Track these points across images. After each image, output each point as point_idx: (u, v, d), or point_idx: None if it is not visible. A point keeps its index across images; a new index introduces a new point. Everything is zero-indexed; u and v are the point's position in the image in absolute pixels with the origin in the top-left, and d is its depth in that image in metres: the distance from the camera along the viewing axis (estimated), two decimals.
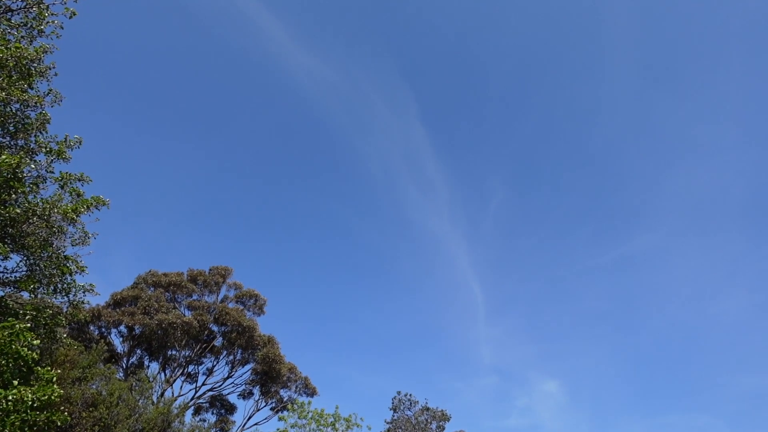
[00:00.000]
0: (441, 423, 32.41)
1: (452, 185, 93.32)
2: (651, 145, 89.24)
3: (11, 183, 14.97)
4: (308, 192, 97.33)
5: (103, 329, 27.25)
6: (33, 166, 16.24)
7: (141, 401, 21.38)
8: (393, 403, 34.64)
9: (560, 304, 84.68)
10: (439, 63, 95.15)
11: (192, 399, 29.51)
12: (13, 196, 15.49)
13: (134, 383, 22.78)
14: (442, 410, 33.14)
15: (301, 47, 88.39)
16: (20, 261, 17.32)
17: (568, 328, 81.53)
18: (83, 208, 17.51)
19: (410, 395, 35.31)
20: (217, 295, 31.12)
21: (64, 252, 17.77)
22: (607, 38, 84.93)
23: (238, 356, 30.94)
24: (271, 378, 30.06)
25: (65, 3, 16.66)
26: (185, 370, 30.12)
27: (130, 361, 27.96)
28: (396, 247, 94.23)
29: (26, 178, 16.06)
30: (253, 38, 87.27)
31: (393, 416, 32.33)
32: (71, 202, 17.52)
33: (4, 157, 14.31)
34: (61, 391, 13.53)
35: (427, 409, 33.10)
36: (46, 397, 12.83)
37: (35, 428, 13.61)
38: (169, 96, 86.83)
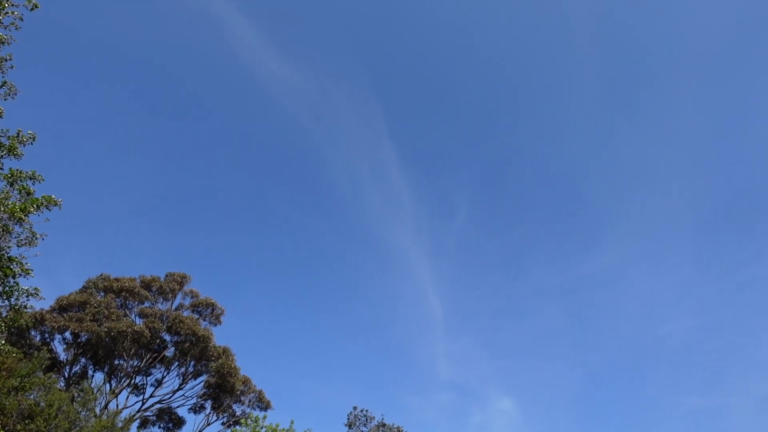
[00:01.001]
0: None
1: (417, 200, 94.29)
2: (610, 170, 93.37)
3: None
4: (272, 199, 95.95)
5: (46, 335, 25.78)
6: None
7: (83, 413, 20.27)
8: (348, 419, 34.21)
9: (518, 321, 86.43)
10: (409, 79, 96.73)
11: (138, 411, 28.22)
12: None
13: (76, 394, 21.60)
14: (398, 426, 32.98)
15: (274, 54, 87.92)
16: None
17: (525, 345, 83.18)
18: (33, 207, 16.67)
19: (366, 411, 34.98)
20: (172, 303, 30.07)
21: (8, 253, 16.79)
22: (574, 64, 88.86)
23: (191, 368, 29.89)
24: (225, 391, 29.15)
25: None
26: (132, 381, 28.83)
27: (73, 370, 26.51)
28: (359, 259, 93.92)
29: None
30: (224, 41, 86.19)
31: None
32: (20, 200, 16.66)
33: None
34: None
35: (383, 425, 32.86)
36: None
37: None
38: (130, 95, 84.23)
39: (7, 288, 17.19)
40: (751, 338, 76.03)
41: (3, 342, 18.10)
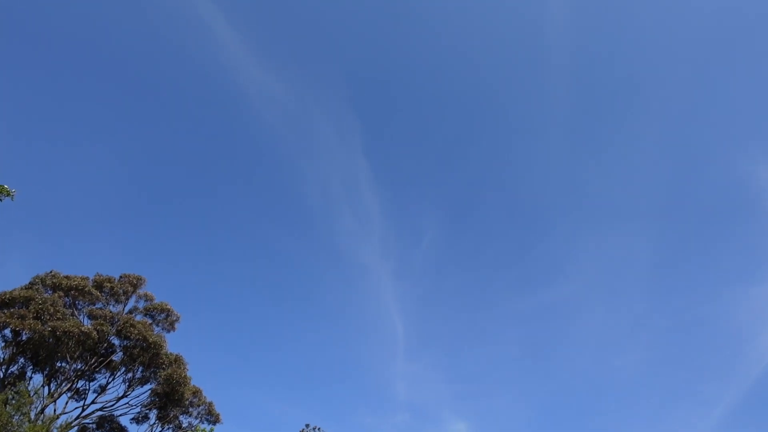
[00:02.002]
0: None
1: (387, 218, 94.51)
2: (573, 205, 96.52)
3: None
4: (240, 207, 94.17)
5: None
6: None
7: (16, 417, 19.00)
8: None
9: (477, 346, 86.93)
10: (389, 100, 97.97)
11: (77, 418, 26.64)
12: None
13: (11, 396, 20.27)
14: None
15: (256, 61, 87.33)
16: None
17: (482, 370, 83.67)
18: None
19: (319, 429, 34.35)
20: (124, 306, 28.81)
21: None
22: (548, 102, 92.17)
23: (138, 374, 28.56)
24: (173, 401, 27.92)
25: None
26: (74, 386, 27.29)
27: (9, 370, 24.88)
28: (324, 272, 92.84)
29: None
30: (206, 44, 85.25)
31: None
32: None
33: None
34: None
35: None
36: None
37: None
38: (97, 91, 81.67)
39: None
40: (695, 375, 79.15)
41: None
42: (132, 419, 29.44)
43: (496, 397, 77.55)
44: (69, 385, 26.55)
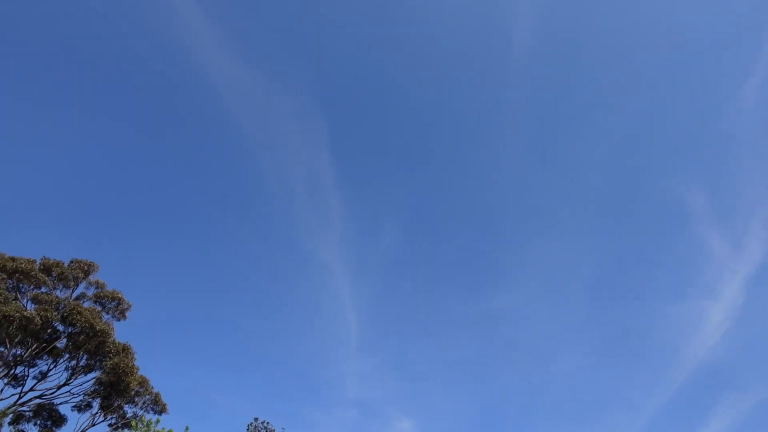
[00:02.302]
0: None
1: (348, 216, 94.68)
2: (526, 213, 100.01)
3: None
4: (199, 198, 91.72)
5: None
6: None
7: None
8: (248, 429, 33.36)
9: (427, 347, 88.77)
10: (356, 101, 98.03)
11: (14, 405, 25.62)
12: None
13: None
14: None
15: (224, 50, 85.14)
16: None
17: (430, 370, 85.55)
18: None
19: (267, 423, 34.33)
20: (72, 292, 27.81)
21: None
22: (507, 114, 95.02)
23: (83, 362, 27.72)
24: (118, 391, 27.28)
25: None
26: (12, 371, 26.20)
27: None
28: (281, 266, 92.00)
29: None
30: (175, 29, 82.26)
31: None
32: None
33: None
34: None
35: None
36: None
37: None
38: (56, 73, 77.27)
39: None
40: (624, 382, 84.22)
41: None
42: (73, 407, 28.59)
43: (442, 396, 79.66)
44: (6, 371, 25.48)
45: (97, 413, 28.13)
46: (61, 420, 28.18)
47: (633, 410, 75.83)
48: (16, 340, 24.87)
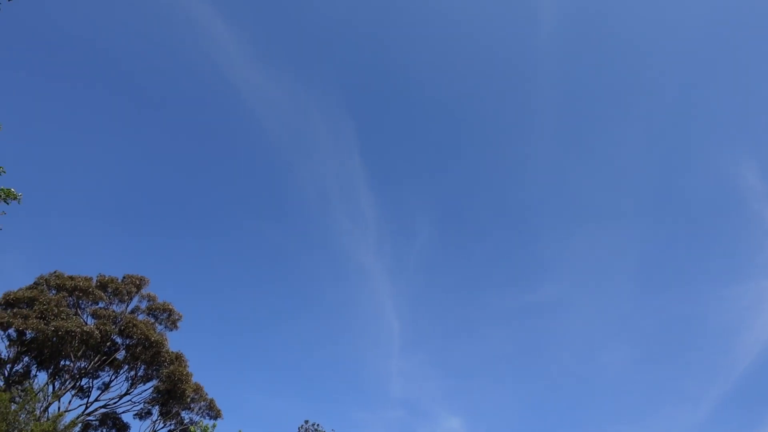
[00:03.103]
0: None
1: (382, 217, 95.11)
2: (562, 204, 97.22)
3: None
4: (238, 207, 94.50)
5: None
6: None
7: (22, 416, 19.51)
8: (299, 431, 34.06)
9: (470, 344, 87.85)
10: (383, 102, 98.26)
11: (81, 415, 27.18)
12: None
13: (17, 395, 20.76)
14: None
15: (251, 62, 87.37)
16: None
17: (475, 367, 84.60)
18: None
19: (317, 425, 34.93)
20: (127, 306, 29.27)
21: None
22: (535, 102, 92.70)
23: (141, 372, 29.09)
24: (174, 398, 28.48)
25: None
26: (78, 383, 27.80)
27: (14, 369, 25.36)
28: (321, 272, 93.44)
29: None
30: (203, 45, 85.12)
31: None
32: None
33: None
34: None
35: None
36: None
37: None
38: (97, 93, 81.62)
39: None
40: (679, 372, 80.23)
41: None
42: (135, 415, 30.03)
43: (488, 392, 78.57)
44: (73, 383, 27.05)
45: (156, 420, 29.45)
46: (124, 428, 29.68)
47: (690, 402, 72.19)
48: (80, 353, 26.37)
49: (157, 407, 29.74)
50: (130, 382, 28.91)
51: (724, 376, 72.30)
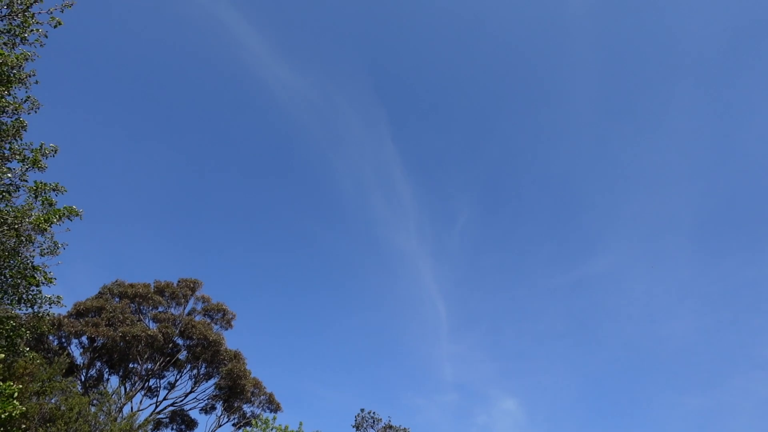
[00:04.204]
0: None
1: (420, 203, 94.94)
2: (608, 173, 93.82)
3: None
4: (280, 205, 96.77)
5: (63, 340, 26.37)
6: (8, 174, 15.96)
7: (102, 417, 20.84)
8: (356, 420, 34.72)
9: (520, 323, 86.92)
10: (412, 85, 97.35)
11: (152, 414, 28.79)
12: None
13: (94, 398, 22.18)
14: (404, 428, 33.45)
15: (278, 60, 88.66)
16: None
17: (527, 346, 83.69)
18: (55, 218, 17.26)
19: (373, 413, 35.49)
20: (184, 308, 30.63)
21: (32, 262, 17.38)
22: (573, 69, 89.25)
23: (202, 370, 30.45)
24: (235, 393, 29.69)
25: (51, 13, 16.55)
26: (146, 384, 29.41)
27: (89, 374, 27.09)
28: (363, 261, 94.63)
29: None
30: (230, 47, 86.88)
31: None
32: (43, 211, 17.23)
33: None
34: (23, 408, 13.26)
35: (390, 427, 33.35)
36: (6, 414, 12.53)
37: None
38: (142, 103, 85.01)
39: (30, 296, 17.81)
40: (751, 339, 76.29)
41: (28, 348, 18.71)
42: (200, 410, 31.54)
43: (543, 372, 77.54)
44: (142, 384, 28.64)
45: (221, 415, 30.80)
46: (192, 423, 31.24)
47: (763, 370, 68.64)
48: (146, 356, 27.85)
49: (220, 402, 31.09)
50: (193, 380, 30.34)
51: None
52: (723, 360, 76.34)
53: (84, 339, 26.90)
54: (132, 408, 27.85)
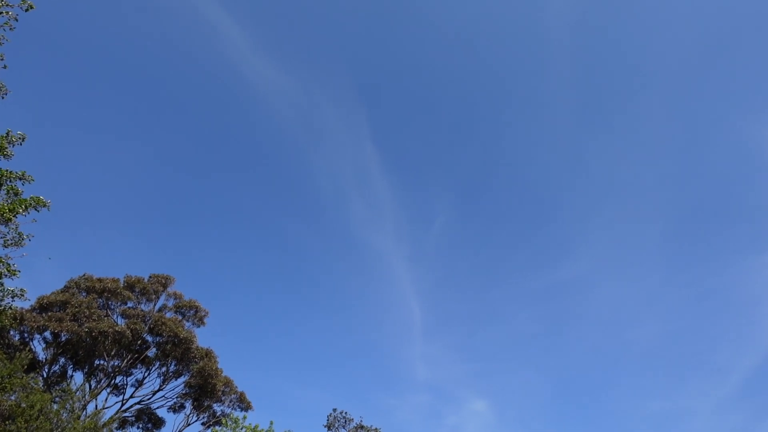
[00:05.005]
0: None
1: (398, 204, 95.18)
2: (582, 182, 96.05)
3: None
4: (257, 202, 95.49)
5: (26, 335, 25.46)
6: None
7: (64, 415, 20.21)
8: (328, 420, 34.57)
9: (493, 326, 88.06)
10: (394, 86, 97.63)
11: (117, 412, 28.05)
12: None
13: (57, 395, 21.49)
14: (376, 428, 33.46)
15: (260, 56, 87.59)
16: None
17: (499, 349, 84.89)
18: (21, 208, 16.69)
19: (345, 413, 35.38)
20: (155, 304, 29.93)
21: None
22: (551, 81, 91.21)
23: (172, 368, 29.83)
24: (206, 392, 29.18)
25: None
26: (112, 381, 28.64)
27: (52, 370, 26.23)
28: (341, 262, 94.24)
29: None
30: (211, 41, 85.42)
31: None
32: (8, 200, 16.64)
33: None
34: None
35: (362, 427, 33.32)
36: None
37: None
38: (117, 96, 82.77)
39: None
40: (710, 345, 79.35)
41: None
42: (169, 409, 30.89)
43: (513, 374, 78.81)
44: (108, 381, 27.89)
45: (190, 414, 30.24)
46: (159, 422, 30.56)
47: (720, 373, 71.47)
48: (113, 353, 27.13)
49: (189, 401, 30.51)
50: (162, 378, 29.69)
51: (754, 347, 71.46)
52: (683, 364, 79.28)
53: (47, 334, 26.01)
54: (97, 406, 27.08)
